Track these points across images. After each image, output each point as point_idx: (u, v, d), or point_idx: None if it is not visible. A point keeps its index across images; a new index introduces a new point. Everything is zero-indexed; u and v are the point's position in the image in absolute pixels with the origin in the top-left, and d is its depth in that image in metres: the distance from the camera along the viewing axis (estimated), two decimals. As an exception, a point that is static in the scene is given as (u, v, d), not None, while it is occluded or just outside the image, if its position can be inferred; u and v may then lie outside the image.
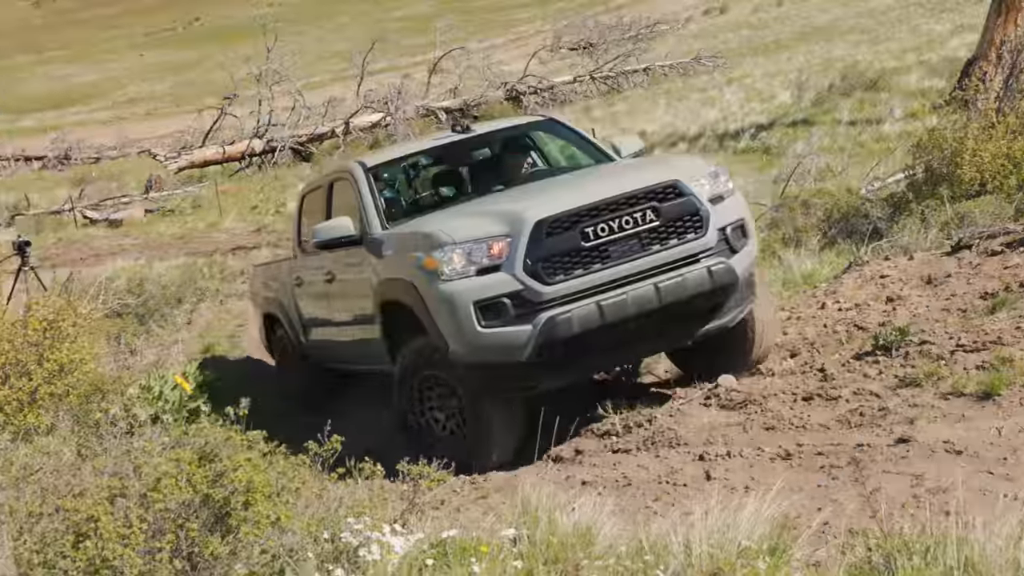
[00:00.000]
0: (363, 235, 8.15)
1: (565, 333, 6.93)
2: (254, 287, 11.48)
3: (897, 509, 5.25)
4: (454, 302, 6.96)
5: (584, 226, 6.98)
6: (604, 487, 6.54)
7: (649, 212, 7.13)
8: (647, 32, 37.38)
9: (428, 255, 7.08)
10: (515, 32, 61.80)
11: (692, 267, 7.21)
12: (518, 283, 6.90)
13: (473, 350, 7.01)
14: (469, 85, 33.97)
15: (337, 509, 4.93)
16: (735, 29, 48.30)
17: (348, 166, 8.94)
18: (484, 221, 7.19)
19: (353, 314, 8.55)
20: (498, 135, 9.46)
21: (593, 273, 6.99)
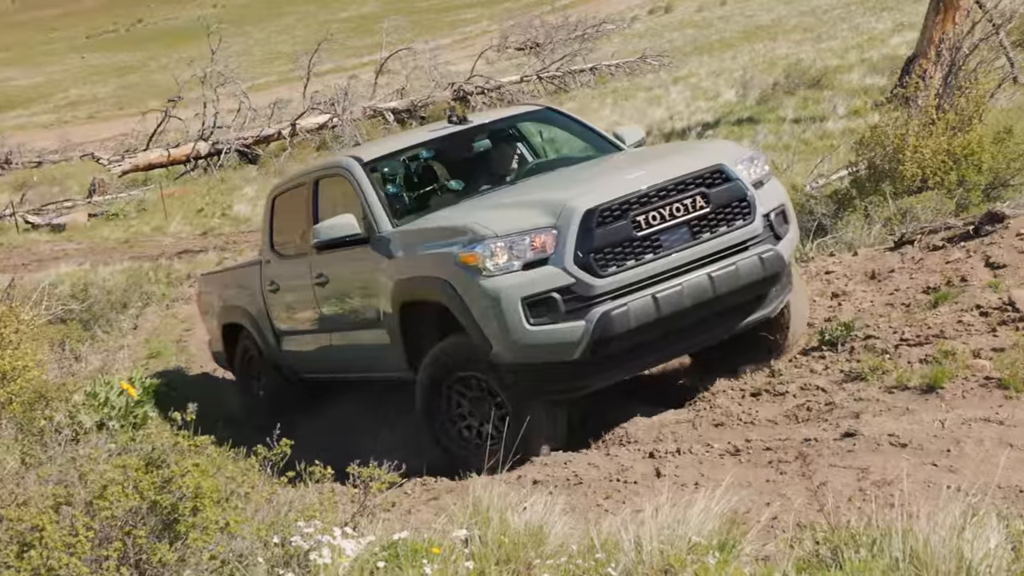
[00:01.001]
0: (370, 234, 7.72)
1: (621, 328, 6.58)
2: (207, 296, 10.87)
3: (844, 502, 5.32)
4: (500, 299, 6.54)
5: (636, 214, 6.63)
6: (555, 486, 6.55)
7: (699, 198, 6.81)
8: (593, 32, 37.47)
9: (466, 250, 6.67)
10: (461, 32, 61.77)
11: (743, 255, 6.92)
12: (569, 277, 6.52)
13: (520, 350, 6.61)
14: (416, 86, 33.89)
15: (287, 513, 4.89)
16: (680, 28, 48.59)
17: (341, 162, 8.46)
18: (526, 212, 6.77)
19: (353, 318, 8.15)
20: (497, 125, 9.00)
21: (646, 264, 6.65)
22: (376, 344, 7.83)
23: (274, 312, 9.33)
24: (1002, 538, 3.93)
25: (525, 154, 9.04)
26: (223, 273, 11.11)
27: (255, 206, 23.07)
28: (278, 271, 9.19)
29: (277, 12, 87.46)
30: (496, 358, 6.71)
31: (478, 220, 6.81)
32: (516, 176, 8.48)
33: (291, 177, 9.55)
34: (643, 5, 58.52)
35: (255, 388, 10.07)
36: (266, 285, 9.33)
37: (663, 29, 49.21)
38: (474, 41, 52.55)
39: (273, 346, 9.47)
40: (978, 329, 7.17)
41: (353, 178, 8.08)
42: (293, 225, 9.01)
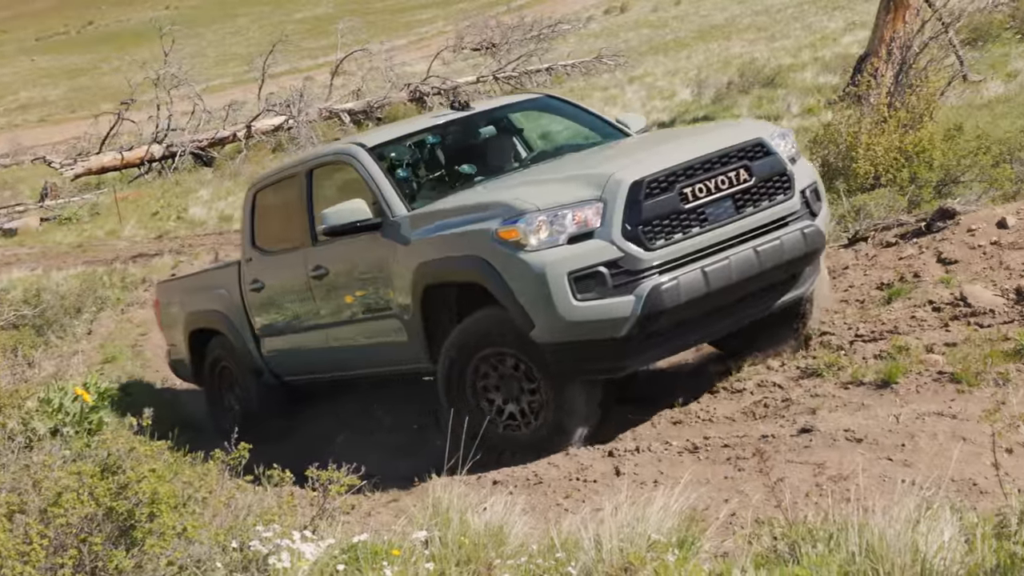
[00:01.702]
0: (383, 219, 7.41)
1: (671, 303, 6.36)
2: (168, 305, 10.35)
3: (801, 498, 5.37)
4: (545, 274, 6.29)
5: (682, 186, 6.46)
6: (515, 486, 6.55)
7: (742, 171, 6.69)
8: (549, 32, 37.52)
9: (506, 225, 6.42)
10: (417, 33, 61.66)
11: (785, 230, 6.82)
12: (617, 250, 6.29)
13: (565, 327, 6.35)
14: (372, 87, 33.79)
15: (246, 517, 4.86)
16: (635, 28, 48.79)
17: (343, 148, 8.11)
18: (566, 187, 6.56)
19: (357, 311, 7.83)
20: (499, 112, 8.76)
21: (693, 237, 6.47)
22: (386, 336, 7.58)
23: (256, 313, 8.98)
24: (956, 531, 3.97)
25: (521, 143, 8.87)
26: (190, 278, 10.64)
27: (210, 209, 22.91)
28: (262, 269, 8.84)
29: (230, 13, 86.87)
30: (538, 337, 6.44)
31: (516, 195, 6.61)
32: (528, 160, 8.26)
33: (275, 171, 9.22)
34: (598, 5, 58.70)
35: (228, 400, 9.65)
36: (247, 285, 8.99)
37: (618, 29, 49.38)
38: (430, 42, 52.48)
39: (252, 350, 9.11)
40: (931, 324, 7.26)
41: (359, 163, 7.76)
42: (281, 219, 8.69)
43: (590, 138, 8.48)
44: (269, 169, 9.55)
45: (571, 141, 8.59)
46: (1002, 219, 8.20)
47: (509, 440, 6.88)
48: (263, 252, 8.88)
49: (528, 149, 8.79)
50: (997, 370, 6.33)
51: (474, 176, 8.03)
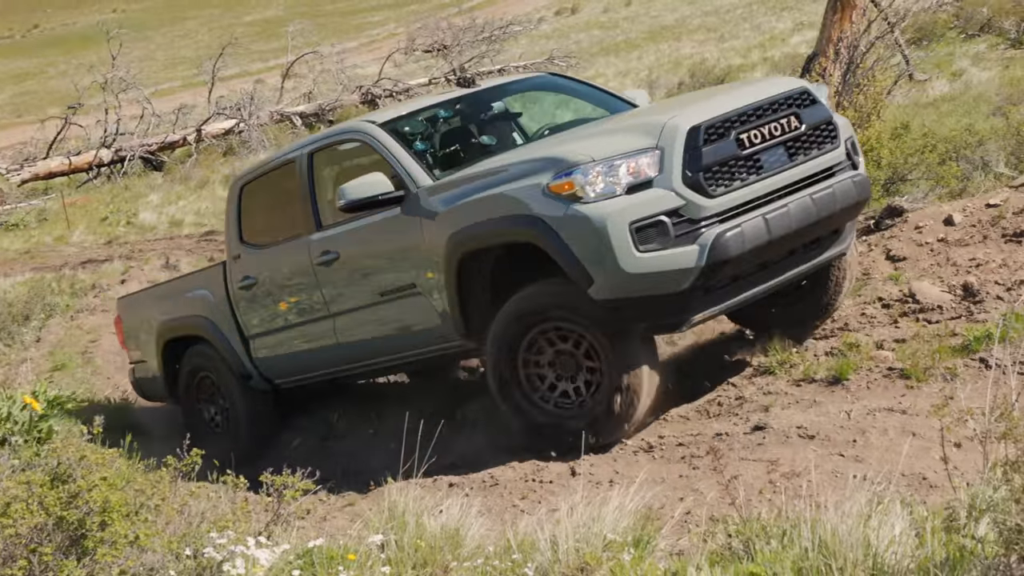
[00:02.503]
0: (406, 191, 7.05)
1: (736, 251, 6.11)
2: (133, 320, 9.74)
3: (755, 495, 5.41)
4: (606, 226, 5.99)
5: (739, 132, 6.29)
6: (471, 488, 6.55)
7: (793, 118, 6.57)
8: (500, 33, 37.52)
9: (559, 179, 6.16)
10: (368, 35, 61.46)
11: (836, 179, 6.72)
12: (678, 198, 6.05)
13: (627, 281, 6.05)
14: (324, 89, 33.63)
15: (199, 524, 4.82)
16: (586, 29, 48.94)
17: (353, 126, 7.75)
18: (618, 137, 6.31)
19: (374, 294, 7.42)
20: (509, 89, 8.46)
21: (750, 185, 6.28)
22: (409, 317, 7.24)
23: (247, 312, 8.49)
24: (906, 524, 4.02)
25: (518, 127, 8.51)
26: (161, 286, 10.03)
27: (161, 214, 22.70)
28: (254, 264, 8.37)
29: (179, 16, 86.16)
30: (597, 293, 6.14)
31: (566, 149, 6.35)
32: (546, 131, 7.92)
33: (263, 162, 8.74)
34: (549, 6, 58.81)
35: (208, 413, 9.14)
36: (236, 284, 8.50)
37: (570, 30, 49.50)
38: (381, 44, 52.33)
39: (240, 353, 8.61)
40: (880, 321, 7.34)
41: (374, 139, 7.39)
42: (276, 210, 8.32)
43: (604, 112, 8.17)
44: (254, 162, 9.15)
45: (587, 115, 8.24)
46: (949, 216, 8.31)
47: (559, 419, 6.62)
48: (254, 247, 8.43)
49: (524, 134, 8.42)
50: (945, 365, 6.41)
51: (495, 148, 7.68)
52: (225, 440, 8.62)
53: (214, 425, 9.04)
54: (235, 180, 8.85)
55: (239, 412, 8.75)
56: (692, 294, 6.16)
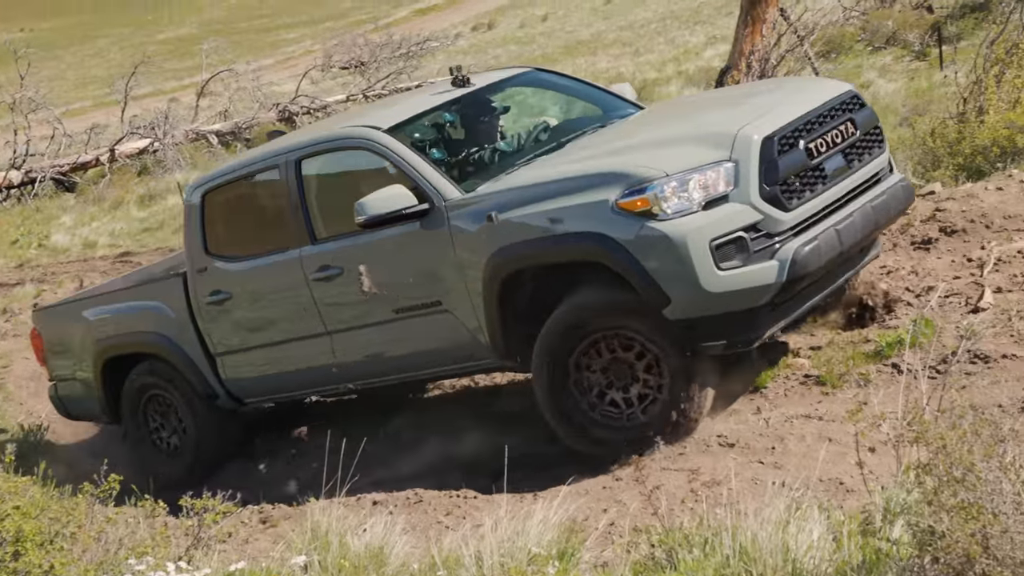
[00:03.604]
0: (431, 205, 6.65)
1: (814, 266, 5.94)
2: (60, 333, 9.04)
3: (677, 504, 5.46)
4: (686, 244, 5.75)
5: (807, 141, 6.11)
6: (395, 505, 6.53)
7: (849, 124, 6.41)
8: (418, 49, 37.46)
9: (629, 196, 5.87)
10: (284, 52, 61.03)
11: (885, 185, 6.61)
12: (756, 212, 5.84)
13: (706, 300, 5.83)
14: (240, 107, 33.28)
15: (117, 551, 4.74)
16: (503, 44, 49.15)
17: (352, 133, 7.18)
18: (686, 148, 6.04)
19: (386, 311, 7.01)
20: (501, 87, 7.98)
21: (818, 196, 6.12)
22: (430, 334, 6.88)
23: (216, 328, 7.93)
24: (824, 529, 4.09)
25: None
26: (95, 297, 9.11)
27: (74, 235, 22.27)
28: (227, 278, 7.78)
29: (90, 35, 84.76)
30: (672, 313, 5.89)
31: (633, 162, 6.06)
32: (568, 135, 7.36)
33: (232, 167, 8.08)
34: (466, 22, 58.96)
35: (162, 435, 8.57)
36: (202, 298, 7.90)
37: (487, 45, 49.67)
38: (298, 61, 51.99)
39: (205, 372, 8.07)
40: (796, 329, 7.45)
41: (383, 147, 6.93)
42: (255, 220, 7.92)
43: (602, 110, 7.86)
44: (219, 167, 8.39)
45: (582, 114, 7.93)
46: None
47: (604, 429, 6.37)
48: (226, 259, 7.82)
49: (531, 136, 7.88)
50: (859, 371, 6.53)
51: (517, 153, 7.31)
52: (181, 461, 8.34)
53: (167, 447, 8.55)
54: (194, 187, 8.15)
55: (201, 433, 8.27)
56: (762, 310, 6.00)
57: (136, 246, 18.27)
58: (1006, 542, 3.42)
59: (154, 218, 20.17)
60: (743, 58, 12.67)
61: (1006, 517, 3.45)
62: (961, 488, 3.56)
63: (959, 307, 6.90)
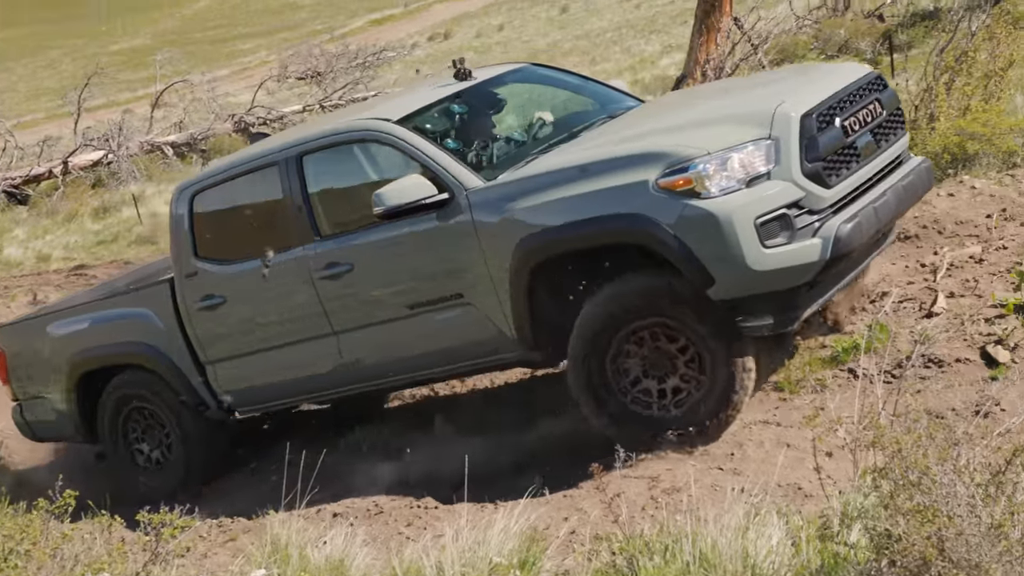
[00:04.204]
0: (452, 194, 6.48)
1: (856, 243, 5.87)
2: (27, 349, 8.59)
3: (638, 511, 5.48)
4: (732, 222, 5.65)
5: (842, 118, 6.07)
6: (356, 517, 6.50)
7: (877, 103, 6.40)
8: (374, 60, 37.39)
9: (671, 175, 5.76)
10: (240, 63, 60.72)
11: (910, 166, 6.59)
12: (799, 190, 5.77)
13: (752, 279, 5.72)
14: (195, 118, 33.06)
15: (73, 568, 4.69)
16: (460, 54, 49.21)
17: (362, 126, 6.99)
18: (724, 127, 5.96)
19: (400, 307, 6.81)
20: (503, 80, 7.79)
21: (854, 174, 6.08)
22: (454, 328, 6.68)
23: (209, 335, 7.63)
24: (783, 534, 4.13)
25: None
26: (66, 311, 8.66)
27: (27, 249, 22.01)
28: (220, 282, 7.50)
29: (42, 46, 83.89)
30: (717, 293, 5.76)
31: (672, 141, 5.94)
32: (579, 126, 7.22)
33: (223, 167, 7.77)
34: (422, 32, 58.94)
35: (147, 451, 8.21)
36: (193, 304, 7.60)
37: (443, 55, 49.66)
38: (253, 72, 51.71)
39: (194, 381, 7.77)
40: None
41: (397, 139, 6.76)
42: (249, 220, 7.67)
43: (606, 102, 7.68)
44: (206, 169, 8.10)
45: (592, 106, 7.71)
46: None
47: (638, 419, 6.22)
48: (219, 262, 7.54)
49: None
50: (816, 377, 6.58)
51: (527, 144, 7.12)
52: (168, 476, 8.05)
53: (152, 462, 8.20)
54: (181, 189, 7.82)
55: (191, 446, 7.95)
56: (802, 290, 5.91)
57: (91, 259, 18.09)
58: (961, 544, 3.46)
59: (109, 230, 19.99)
60: (698, 66, 12.79)
61: (960, 519, 3.49)
62: (916, 492, 3.60)
63: (913, 312, 6.97)
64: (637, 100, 7.87)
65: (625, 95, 7.89)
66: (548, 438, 6.92)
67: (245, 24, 78.47)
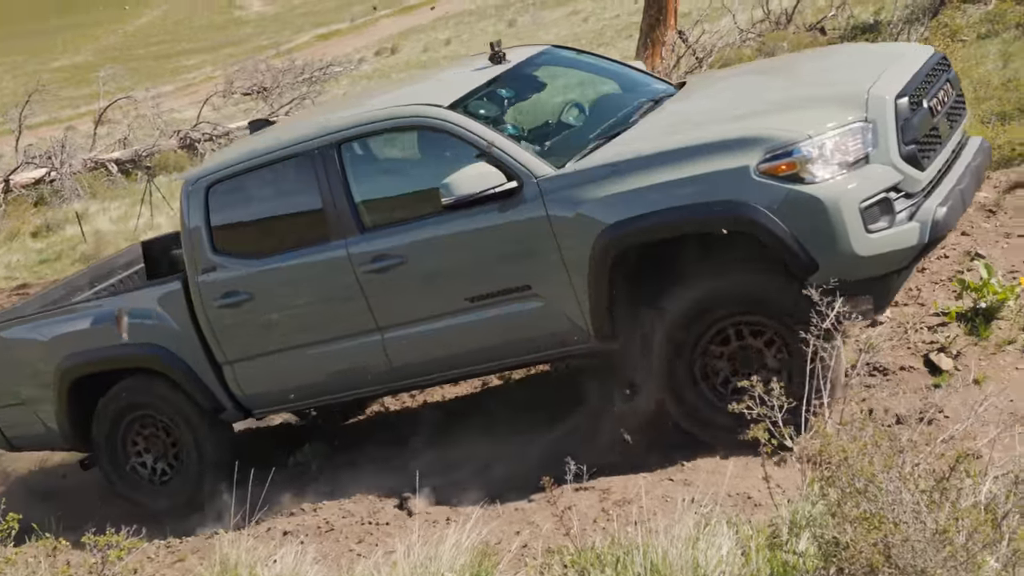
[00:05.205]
0: (522, 182, 6.24)
1: (952, 226, 5.84)
2: (6, 355, 8.04)
3: (589, 524, 5.49)
4: (839, 207, 5.55)
5: (928, 100, 6.01)
6: (306, 535, 6.45)
7: (949, 85, 6.35)
8: (321, 75, 37.28)
9: (775, 159, 5.63)
10: (184, 79, 60.28)
11: (974, 147, 6.52)
12: (897, 173, 5.70)
13: (856, 264, 5.61)
14: (140, 135, 32.75)
15: (18, 593, 4.62)
16: (407, 69, 49.17)
17: (412, 112, 6.67)
18: (820, 110, 5.83)
19: (464, 298, 6.52)
20: (535, 61, 7.52)
21: (939, 155, 6.03)
22: (518, 321, 6.43)
23: (231, 333, 7.21)
24: (733, 544, 4.15)
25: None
26: (48, 313, 8.01)
27: (-35, 267, 21.70)
28: (245, 278, 7.09)
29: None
30: (819, 279, 5.49)
31: (769, 124, 5.79)
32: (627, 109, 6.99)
33: (242, 156, 7.26)
34: (369, 47, 58.85)
35: (150, 461, 7.77)
36: (212, 302, 7.16)
37: (390, 70, 49.65)
38: (198, 87, 51.35)
39: (211, 383, 7.35)
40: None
41: (452, 125, 6.48)
42: (277, 211, 7.26)
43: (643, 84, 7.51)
44: (222, 157, 7.56)
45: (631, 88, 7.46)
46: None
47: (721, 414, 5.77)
48: (242, 257, 7.14)
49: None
50: (764, 386, 6.61)
51: (587, 128, 6.90)
52: (177, 486, 7.63)
53: (157, 473, 7.78)
54: (194, 180, 7.30)
55: (205, 452, 7.51)
56: (892, 276, 5.84)
57: (33, 278, 17.83)
58: (907, 550, 3.51)
59: (52, 249, 19.73)
60: (644, 80, 12.85)
61: (906, 526, 3.53)
62: (863, 499, 3.64)
63: (858, 321, 7.02)
64: (664, 82, 7.75)
65: (650, 76, 7.79)
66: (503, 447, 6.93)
67: (189, 40, 77.96)
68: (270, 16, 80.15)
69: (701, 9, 20.08)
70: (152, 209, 17.63)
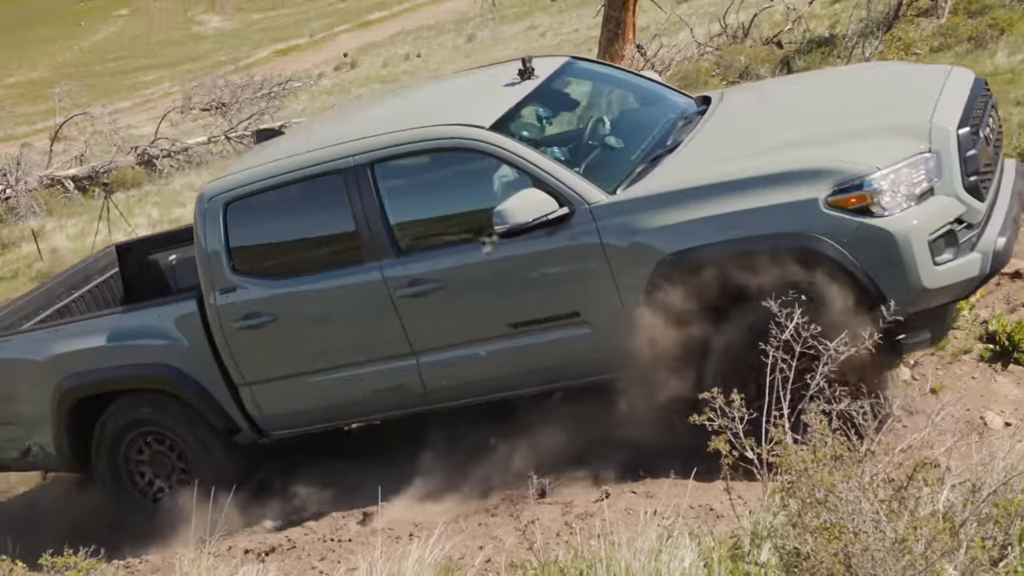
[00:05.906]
0: (574, 210, 6.13)
1: (1010, 256, 5.87)
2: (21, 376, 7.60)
3: (552, 538, 5.49)
4: (909, 240, 5.54)
5: (983, 130, 6.02)
6: (268, 553, 6.41)
7: (994, 111, 6.36)
8: (280, 90, 37.19)
9: (845, 192, 5.58)
10: (142, 95, 59.88)
11: (1013, 171, 6.50)
12: (961, 205, 5.70)
13: (924, 295, 5.63)
14: (97, 151, 32.51)
15: (-26, 617, 4.55)
16: (367, 83, 49.08)
17: (452, 133, 6.45)
18: (884, 141, 5.79)
19: (507, 324, 6.41)
20: (562, 75, 7.38)
21: (991, 184, 6.04)
22: (565, 347, 6.32)
23: (248, 356, 7.00)
24: (695, 556, 4.17)
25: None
26: (43, 331, 7.70)
27: (-78, 287, 21.41)
28: (269, 298, 6.88)
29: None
30: (889, 311, 5.33)
31: (836, 156, 5.73)
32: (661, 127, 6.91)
33: (267, 173, 6.95)
34: (328, 62, 58.71)
35: (155, 483, 7.57)
36: (232, 323, 6.94)
37: (350, 84, 49.55)
38: (156, 103, 51.00)
39: (227, 404, 7.15)
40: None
41: (496, 147, 6.31)
42: (305, 233, 7.03)
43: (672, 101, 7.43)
44: (239, 172, 7.16)
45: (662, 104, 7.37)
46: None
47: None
48: (264, 278, 6.92)
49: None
50: (724, 398, 6.64)
51: (625, 151, 6.74)
52: (174, 505, 7.23)
53: (158, 497, 7.56)
54: (210, 196, 7.03)
55: (219, 471, 7.24)
56: (953, 305, 5.93)
57: (-11, 296, 17.63)
58: (867, 560, 3.53)
59: (7, 267, 19.50)
60: (603, 94, 12.93)
61: (866, 535, 3.56)
62: (823, 509, 3.67)
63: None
64: (683, 95, 7.67)
65: (669, 89, 7.74)
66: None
67: (146, 56, 77.47)
68: (228, 32, 79.83)
69: (659, 23, 20.28)
70: (110, 226, 17.49)
